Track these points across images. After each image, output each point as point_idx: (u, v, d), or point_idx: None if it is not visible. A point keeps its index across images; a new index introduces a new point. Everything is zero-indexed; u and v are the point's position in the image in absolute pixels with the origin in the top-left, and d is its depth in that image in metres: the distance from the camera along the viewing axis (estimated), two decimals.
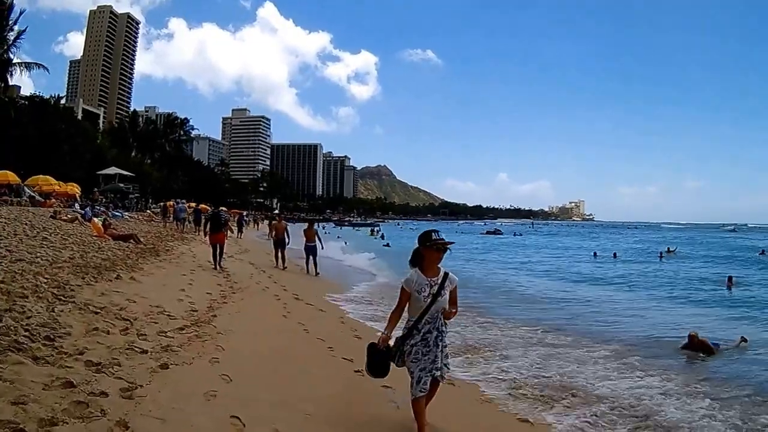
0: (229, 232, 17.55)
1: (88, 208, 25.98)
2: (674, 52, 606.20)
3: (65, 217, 21.75)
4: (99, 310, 6.82)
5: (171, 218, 32.50)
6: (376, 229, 77.23)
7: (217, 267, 14.35)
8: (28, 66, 39.81)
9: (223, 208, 46.90)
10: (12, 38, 39.78)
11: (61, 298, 7.09)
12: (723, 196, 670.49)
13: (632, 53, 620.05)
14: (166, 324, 6.96)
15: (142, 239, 18.68)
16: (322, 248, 18.15)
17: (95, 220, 17.88)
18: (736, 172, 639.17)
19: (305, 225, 18.65)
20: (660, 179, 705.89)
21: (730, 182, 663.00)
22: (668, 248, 41.66)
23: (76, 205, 31.46)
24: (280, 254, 18.23)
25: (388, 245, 39.90)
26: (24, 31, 41.14)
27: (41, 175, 35.17)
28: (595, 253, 38.63)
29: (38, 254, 10.70)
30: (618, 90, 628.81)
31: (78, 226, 19.78)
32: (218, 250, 14.69)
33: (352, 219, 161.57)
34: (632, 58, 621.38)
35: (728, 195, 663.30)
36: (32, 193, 31.82)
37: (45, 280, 7.99)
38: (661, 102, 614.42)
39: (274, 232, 18.60)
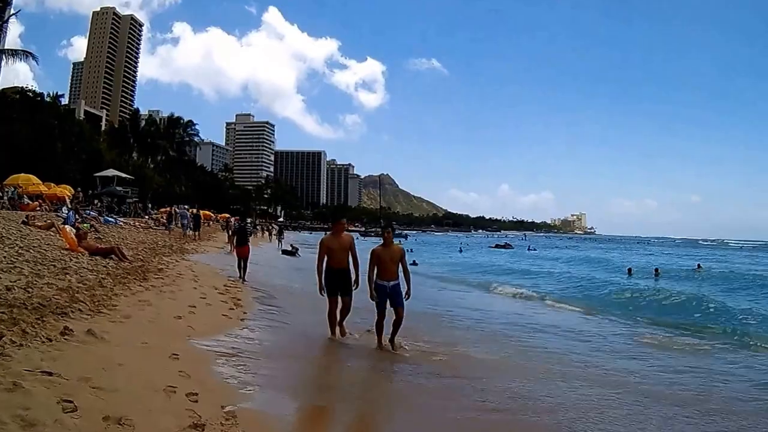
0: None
1: (71, 212, 22.04)
2: (681, 65, 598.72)
3: (39, 223, 17.88)
4: None
5: (175, 225, 31.39)
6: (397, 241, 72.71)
7: (242, 280, 14.23)
8: (14, 54, 35.62)
9: (249, 220, 43.79)
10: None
11: None
12: (715, 211, 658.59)
13: (638, 64, 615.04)
14: None
15: (130, 253, 14.80)
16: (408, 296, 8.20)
17: (66, 228, 13.86)
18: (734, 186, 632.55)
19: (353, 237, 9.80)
20: (661, 193, 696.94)
21: (725, 197, 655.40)
22: (698, 264, 37.38)
23: (64, 209, 27.54)
24: (341, 303, 8.34)
25: (414, 263, 33.88)
26: (17, 12, 37.25)
27: (22, 174, 31.08)
28: (629, 270, 32.97)
29: None
30: (623, 101, 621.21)
31: (53, 234, 15.89)
32: (243, 263, 14.93)
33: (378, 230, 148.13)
34: (638, 70, 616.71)
35: (718, 210, 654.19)
36: (13, 195, 27.84)
37: None
38: (668, 114, 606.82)
39: (325, 255, 8.26)
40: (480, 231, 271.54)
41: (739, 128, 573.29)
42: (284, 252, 33.49)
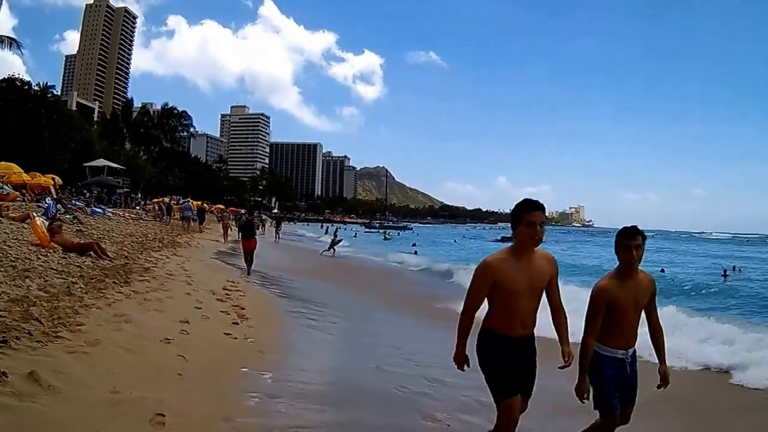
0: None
1: (51, 203, 20.16)
2: (679, 56, 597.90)
3: (13, 214, 15.98)
4: None
5: (171, 217, 31.84)
6: (392, 232, 71.85)
7: (249, 273, 14.54)
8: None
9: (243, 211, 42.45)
10: None
11: None
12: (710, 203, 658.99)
13: (636, 56, 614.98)
14: None
15: (113, 248, 12.90)
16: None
17: (37, 220, 11.87)
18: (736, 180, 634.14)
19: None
20: (661, 186, 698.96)
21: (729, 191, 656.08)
22: (737, 267, 34.83)
23: (48, 199, 25.60)
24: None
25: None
26: None
27: (2, 162, 29.09)
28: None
29: None
30: (622, 93, 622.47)
31: (27, 227, 13.95)
32: (249, 257, 15.05)
33: (383, 221, 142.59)
34: (636, 62, 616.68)
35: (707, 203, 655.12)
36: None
37: None
38: (665, 106, 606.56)
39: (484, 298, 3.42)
40: (479, 224, 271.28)
41: (741, 124, 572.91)
42: (333, 242, 29.42)
